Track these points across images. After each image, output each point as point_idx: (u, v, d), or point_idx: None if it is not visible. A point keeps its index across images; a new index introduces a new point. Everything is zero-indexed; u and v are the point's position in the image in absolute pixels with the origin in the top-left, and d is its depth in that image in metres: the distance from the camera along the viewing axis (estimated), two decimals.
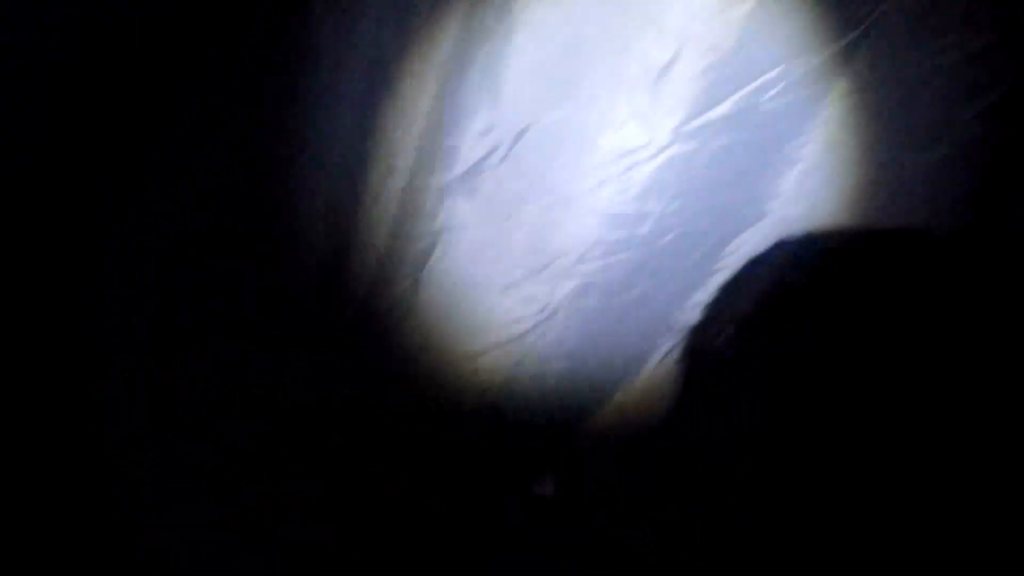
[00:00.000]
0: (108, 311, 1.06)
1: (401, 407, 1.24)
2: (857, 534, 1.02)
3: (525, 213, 1.03)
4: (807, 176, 1.04)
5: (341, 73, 0.94)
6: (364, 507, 1.35)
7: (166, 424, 1.20)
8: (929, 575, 0.88)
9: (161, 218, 1.02)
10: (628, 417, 1.29)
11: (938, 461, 0.91)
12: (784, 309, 0.98)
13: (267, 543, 1.30)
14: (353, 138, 0.99)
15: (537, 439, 1.23)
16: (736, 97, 1.01)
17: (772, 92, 1.01)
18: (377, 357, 1.18)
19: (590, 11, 0.95)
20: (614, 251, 1.05)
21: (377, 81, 0.95)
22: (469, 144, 0.99)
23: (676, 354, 1.13)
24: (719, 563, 1.37)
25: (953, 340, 0.97)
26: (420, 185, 1.00)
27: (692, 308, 1.13)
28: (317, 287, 1.11)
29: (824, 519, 1.13)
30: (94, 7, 0.82)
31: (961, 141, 1.01)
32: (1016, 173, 0.98)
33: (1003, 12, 0.96)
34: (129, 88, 0.90)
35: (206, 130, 0.97)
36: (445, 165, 1.00)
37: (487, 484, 1.31)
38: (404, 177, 0.99)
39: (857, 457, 1.06)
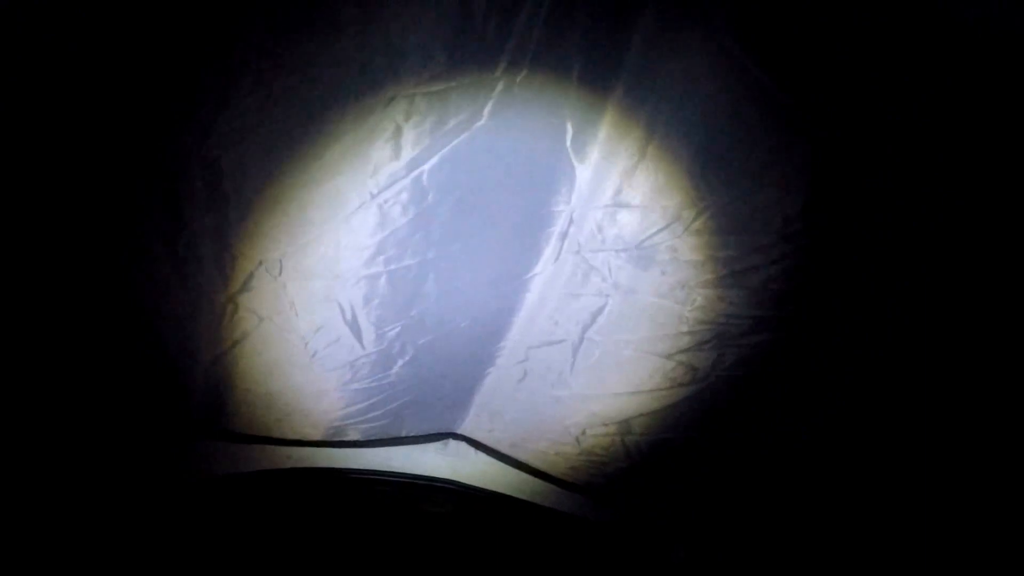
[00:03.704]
0: (108, 309, 1.06)
1: None
2: (858, 534, 1.00)
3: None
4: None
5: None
6: (361, 507, 1.35)
7: (166, 424, 1.20)
8: (929, 574, 0.86)
9: (161, 218, 1.02)
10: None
11: (939, 461, 0.90)
12: None
13: (264, 542, 1.29)
14: None
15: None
16: None
17: None
18: None
19: None
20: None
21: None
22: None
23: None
24: (720, 563, 1.36)
25: None
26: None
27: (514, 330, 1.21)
28: None
29: (825, 519, 1.11)
30: (94, 9, 0.82)
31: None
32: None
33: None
34: (128, 88, 0.89)
35: (206, 129, 0.97)
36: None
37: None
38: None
39: (857, 458, 1.04)
